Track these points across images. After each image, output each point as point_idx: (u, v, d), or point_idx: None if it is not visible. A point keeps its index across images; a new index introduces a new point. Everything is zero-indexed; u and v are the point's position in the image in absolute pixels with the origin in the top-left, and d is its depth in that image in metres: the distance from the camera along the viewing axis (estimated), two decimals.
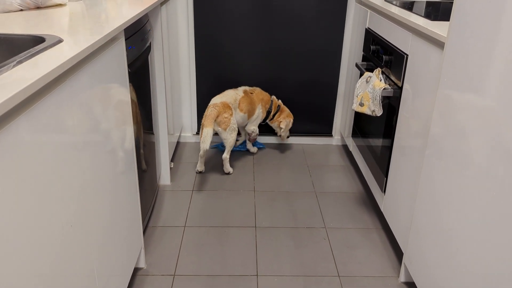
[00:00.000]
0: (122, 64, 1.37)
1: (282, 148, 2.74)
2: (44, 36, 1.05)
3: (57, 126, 0.89)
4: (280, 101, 2.61)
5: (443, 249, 1.30)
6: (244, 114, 2.44)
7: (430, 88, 1.46)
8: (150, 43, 1.87)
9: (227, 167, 2.42)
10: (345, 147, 2.77)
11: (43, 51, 0.93)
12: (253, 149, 2.67)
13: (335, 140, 2.82)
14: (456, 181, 1.24)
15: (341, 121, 2.74)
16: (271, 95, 2.62)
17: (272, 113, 2.57)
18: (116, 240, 1.32)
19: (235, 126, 2.37)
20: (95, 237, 1.13)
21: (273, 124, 2.62)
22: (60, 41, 1.04)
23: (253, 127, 2.55)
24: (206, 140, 2.23)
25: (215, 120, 2.29)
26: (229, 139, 2.35)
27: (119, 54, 1.32)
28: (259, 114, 2.52)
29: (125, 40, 1.44)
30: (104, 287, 1.21)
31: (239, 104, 2.41)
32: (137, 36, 1.61)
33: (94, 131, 1.11)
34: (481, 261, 1.10)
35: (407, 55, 1.67)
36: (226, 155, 2.39)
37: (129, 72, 1.48)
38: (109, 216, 1.24)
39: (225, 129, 2.32)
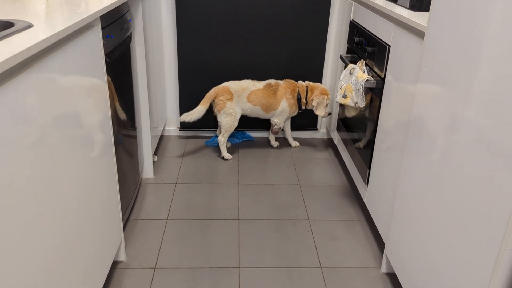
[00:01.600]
0: (99, 52, 1.34)
1: (267, 142, 2.73)
2: (14, 21, 1.02)
3: (23, 113, 0.86)
4: (307, 81, 2.52)
5: (422, 240, 1.30)
6: (254, 106, 2.44)
7: (412, 79, 1.45)
8: (130, 33, 1.84)
9: (222, 151, 2.46)
10: (330, 141, 2.77)
11: (10, 36, 0.90)
12: (274, 143, 2.64)
13: (320, 133, 2.81)
14: (435, 173, 1.23)
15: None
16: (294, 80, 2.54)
17: (303, 98, 2.49)
18: (93, 232, 1.29)
19: (232, 111, 2.39)
20: (69, 228, 1.10)
21: (311, 108, 2.51)
22: (30, 26, 1.01)
23: (277, 120, 2.52)
24: (191, 113, 2.37)
25: (213, 101, 2.39)
26: (223, 122, 2.41)
27: (95, 42, 1.29)
28: (284, 108, 2.47)
29: (103, 28, 1.41)
30: (81, 279, 1.19)
31: (249, 94, 2.41)
32: (116, 25, 1.58)
33: (66, 119, 1.09)
34: (456, 252, 1.10)
35: (389, 46, 1.66)
36: (221, 138, 2.45)
37: (107, 61, 1.46)
38: (84, 207, 1.21)
39: (219, 111, 2.40)
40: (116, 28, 1.57)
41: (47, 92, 0.97)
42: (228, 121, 2.40)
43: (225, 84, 2.43)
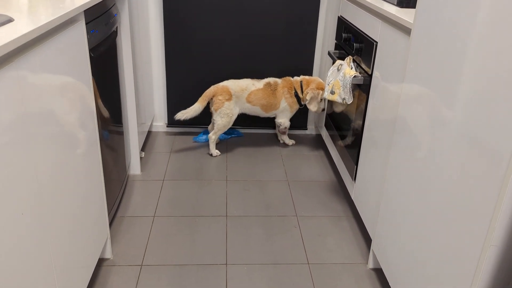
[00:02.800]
0: (83, 47, 1.32)
1: (256, 138, 2.72)
2: None
3: (3, 110, 0.84)
4: (302, 76, 2.46)
5: (408, 236, 1.31)
6: (253, 107, 2.41)
7: (398, 76, 1.46)
8: (116, 28, 1.81)
9: (211, 148, 2.44)
10: (318, 137, 2.77)
11: None
12: (288, 141, 2.61)
13: (309, 130, 2.81)
14: (420, 170, 1.24)
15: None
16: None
17: (300, 94, 2.43)
18: (77, 229, 1.28)
19: (229, 112, 2.36)
20: (52, 226, 1.09)
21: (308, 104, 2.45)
22: (10, 20, 0.98)
23: (280, 120, 2.50)
24: (188, 111, 2.34)
25: (211, 99, 2.37)
26: (218, 121, 2.38)
27: (78, 37, 1.27)
28: (285, 107, 2.45)
29: (87, 23, 1.39)
30: (65, 278, 1.17)
31: (249, 95, 2.37)
32: (101, 20, 1.55)
33: (48, 115, 1.07)
34: (441, 248, 1.11)
35: (377, 42, 1.66)
36: (212, 135, 2.43)
37: (92, 56, 1.43)
38: (67, 204, 1.20)
39: (215, 110, 2.37)
40: (101, 23, 1.55)
41: (28, 88, 0.95)
42: (223, 121, 2.38)
43: (225, 83, 2.39)
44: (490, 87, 0.93)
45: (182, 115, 2.35)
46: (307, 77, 2.46)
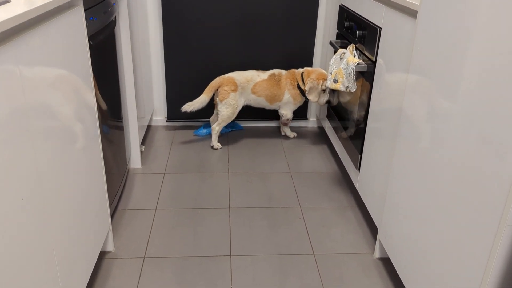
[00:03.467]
0: (82, 33, 1.28)
1: (257, 131, 2.69)
2: None
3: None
4: (305, 68, 2.41)
5: (416, 223, 1.28)
6: (258, 97, 2.39)
7: (404, 62, 1.43)
8: (115, 18, 1.78)
9: (214, 139, 2.42)
10: (320, 129, 2.75)
11: None
12: (290, 134, 2.60)
13: (310, 122, 2.78)
14: (428, 157, 1.21)
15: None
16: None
17: (302, 85, 2.39)
18: (78, 221, 1.25)
19: (234, 103, 2.34)
20: (53, 218, 1.06)
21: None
22: (7, 1, 0.95)
23: (283, 112, 2.48)
24: (194, 103, 2.32)
25: (217, 90, 2.34)
26: (223, 112, 2.36)
27: (77, 22, 1.24)
28: (288, 99, 2.42)
29: (85, 10, 1.35)
30: (67, 270, 1.14)
31: (254, 86, 2.36)
32: (99, 7, 1.52)
33: (47, 104, 1.03)
34: (453, 233, 1.08)
35: (380, 28, 1.63)
36: (216, 127, 2.40)
37: (91, 45, 1.40)
38: (68, 195, 1.17)
39: (221, 101, 2.34)
40: (99, 11, 1.52)
41: (27, 72, 0.92)
42: (228, 112, 2.36)
43: (230, 74, 2.38)
44: (501, 73, 0.90)
45: (189, 107, 2.33)
46: (309, 68, 2.42)
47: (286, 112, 2.48)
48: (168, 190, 2.03)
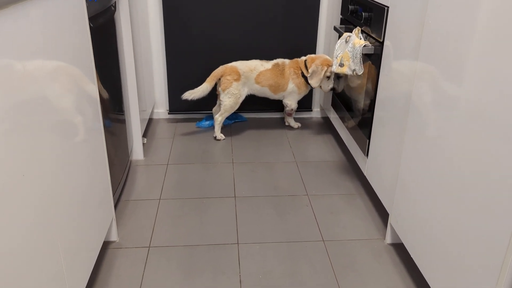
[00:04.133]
0: (82, 12, 1.24)
1: (261, 122, 2.65)
2: None
3: None
4: (308, 55, 2.36)
5: (429, 205, 1.24)
6: (262, 88, 2.35)
7: (413, 42, 1.39)
8: (115, 4, 1.74)
9: (217, 130, 2.38)
10: (325, 119, 2.71)
11: None
12: (294, 124, 2.55)
13: (314, 113, 2.74)
14: (440, 137, 1.17)
15: (321, 93, 2.67)
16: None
17: (304, 72, 2.34)
18: (82, 210, 1.20)
19: (237, 93, 2.30)
20: (56, 207, 1.01)
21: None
22: None
23: (287, 101, 2.43)
24: (195, 91, 2.28)
25: (219, 79, 2.31)
26: (225, 101, 2.32)
27: (77, 1, 1.20)
28: (292, 89, 2.37)
29: None
30: (71, 260, 1.10)
31: (257, 75, 2.31)
32: None
33: (49, 90, 0.99)
34: (467, 216, 1.03)
35: (388, 7, 1.59)
36: (218, 117, 2.37)
37: (91, 27, 1.36)
38: (72, 185, 1.12)
39: (223, 90, 2.30)
40: None
41: (19, 46, 0.87)
42: (230, 101, 2.32)
43: (233, 63, 2.33)
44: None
45: (190, 94, 2.29)
46: (312, 55, 2.38)
47: (291, 102, 2.44)
48: (172, 180, 1.99)
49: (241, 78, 2.30)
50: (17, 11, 0.84)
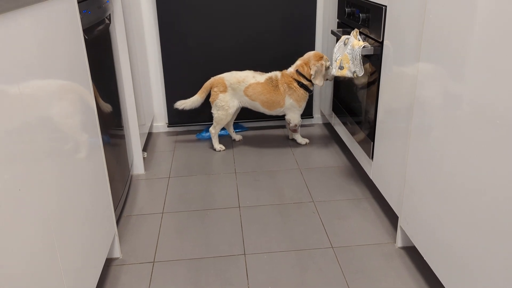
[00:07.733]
0: (75, 23, 1.22)
1: (262, 131, 2.62)
2: None
3: None
4: (293, 64, 2.25)
5: (441, 205, 1.20)
6: (252, 101, 2.25)
7: (413, 40, 1.36)
8: (109, 16, 1.72)
9: (214, 143, 2.35)
10: (326, 125, 2.67)
11: None
12: (301, 140, 2.39)
13: (315, 119, 2.71)
14: (449, 132, 1.14)
15: (320, 99, 2.64)
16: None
17: (305, 81, 2.22)
18: (84, 229, 1.16)
19: (224, 104, 2.24)
20: (58, 225, 0.97)
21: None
22: None
23: (289, 117, 2.30)
24: (186, 101, 2.30)
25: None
26: (215, 114, 2.30)
27: (70, 11, 1.18)
28: (291, 104, 2.25)
29: (79, 3, 1.29)
30: (72, 278, 1.05)
31: (247, 88, 2.21)
32: (93, 1, 1.46)
33: (47, 104, 0.96)
34: (480, 213, 1.00)
35: (385, 6, 1.57)
36: (211, 129, 2.35)
37: (86, 39, 1.34)
38: (73, 203, 1.09)
39: (212, 102, 2.29)
40: (93, 5, 1.46)
41: (15, 47, 0.84)
42: (219, 114, 2.27)
43: (222, 75, 2.27)
44: None
45: (181, 104, 2.30)
46: (298, 61, 2.25)
47: (294, 117, 2.31)
48: (174, 193, 1.95)
49: (228, 89, 2.23)
50: (7, 19, 0.82)
